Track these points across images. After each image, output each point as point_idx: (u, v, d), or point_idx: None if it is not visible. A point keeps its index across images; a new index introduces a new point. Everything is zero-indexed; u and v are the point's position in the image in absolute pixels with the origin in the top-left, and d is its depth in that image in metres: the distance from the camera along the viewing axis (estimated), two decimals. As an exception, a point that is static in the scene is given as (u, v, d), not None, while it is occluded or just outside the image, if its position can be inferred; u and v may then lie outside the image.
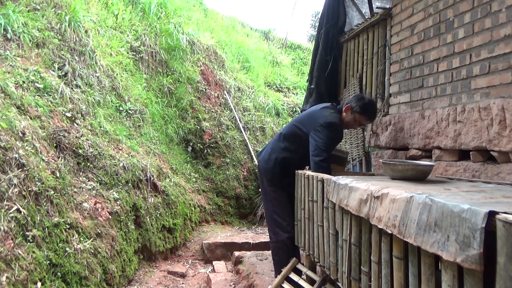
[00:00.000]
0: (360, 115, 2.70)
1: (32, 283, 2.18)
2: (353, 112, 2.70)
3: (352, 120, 2.74)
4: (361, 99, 2.74)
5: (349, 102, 2.76)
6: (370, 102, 2.74)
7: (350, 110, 2.72)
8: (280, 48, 11.60)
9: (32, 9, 4.00)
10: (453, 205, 1.11)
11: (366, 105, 2.69)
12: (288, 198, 2.87)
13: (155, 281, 3.63)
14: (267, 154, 2.96)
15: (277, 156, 2.88)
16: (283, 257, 2.85)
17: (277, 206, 2.92)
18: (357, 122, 2.75)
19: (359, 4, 4.07)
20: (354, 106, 2.69)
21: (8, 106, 2.84)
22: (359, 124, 2.82)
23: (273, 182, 2.93)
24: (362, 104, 2.68)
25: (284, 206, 2.90)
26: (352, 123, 2.78)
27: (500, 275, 0.95)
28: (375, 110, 2.77)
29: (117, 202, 3.46)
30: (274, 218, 2.92)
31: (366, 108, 2.69)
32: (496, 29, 2.08)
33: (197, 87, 6.62)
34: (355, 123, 2.77)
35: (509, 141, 1.95)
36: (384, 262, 1.57)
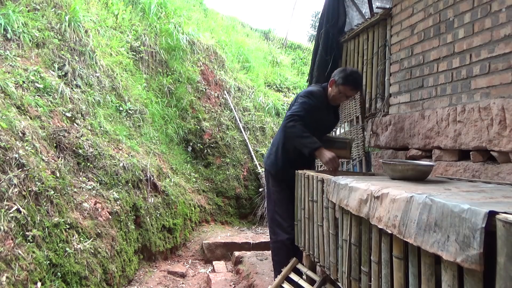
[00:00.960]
0: (344, 86, 2.67)
1: (32, 283, 2.18)
2: (337, 85, 2.68)
3: (338, 93, 2.71)
4: (343, 71, 2.73)
5: (332, 76, 2.74)
6: (351, 72, 2.69)
7: (334, 83, 2.70)
8: (280, 48, 11.61)
9: (32, 9, 4.01)
10: (453, 205, 1.11)
11: (347, 75, 2.65)
12: (291, 200, 2.86)
13: (155, 281, 3.63)
14: (269, 150, 3.02)
15: (277, 147, 2.90)
16: (283, 258, 2.85)
17: (279, 206, 2.93)
18: (343, 94, 2.71)
19: (359, 4, 4.07)
20: (337, 78, 2.68)
21: (8, 106, 2.84)
22: (346, 97, 2.76)
23: (277, 178, 2.93)
24: (344, 75, 2.65)
25: (286, 208, 2.90)
26: (339, 96, 2.73)
27: (500, 275, 0.95)
28: (357, 78, 2.70)
29: (117, 202, 3.46)
30: (275, 218, 2.93)
31: (347, 78, 2.65)
32: (496, 29, 2.08)
33: (197, 87, 6.62)
34: (341, 95, 2.72)
35: (509, 141, 1.95)
36: (384, 262, 1.57)
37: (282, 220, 2.88)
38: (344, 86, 2.66)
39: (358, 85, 2.72)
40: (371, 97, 3.47)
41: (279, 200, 2.93)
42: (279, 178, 2.93)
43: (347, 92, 2.71)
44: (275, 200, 2.95)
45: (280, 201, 2.92)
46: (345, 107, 3.91)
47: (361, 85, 2.74)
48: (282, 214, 2.89)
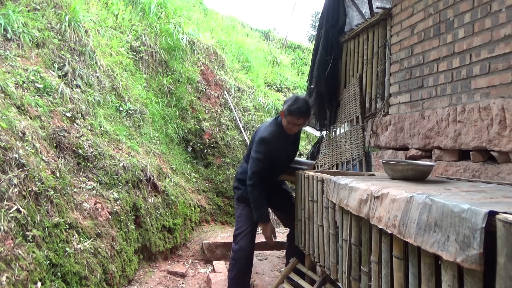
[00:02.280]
0: (290, 116, 2.68)
1: (32, 283, 2.18)
2: (285, 116, 2.71)
3: (287, 124, 2.74)
4: (287, 100, 2.74)
5: (282, 108, 2.79)
6: (295, 101, 2.68)
7: (283, 114, 2.73)
8: (280, 48, 11.61)
9: (32, 9, 4.00)
10: (453, 205, 1.11)
11: (291, 105, 2.66)
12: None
13: (155, 281, 3.63)
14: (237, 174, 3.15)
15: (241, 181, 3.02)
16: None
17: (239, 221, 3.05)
18: (291, 123, 2.72)
19: (359, 4, 4.07)
20: (284, 110, 2.71)
21: (8, 106, 2.84)
22: (295, 125, 2.75)
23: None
24: (288, 107, 2.68)
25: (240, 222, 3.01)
26: (290, 126, 2.75)
27: (500, 275, 0.95)
28: (301, 107, 2.66)
29: (117, 202, 3.46)
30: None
31: (290, 109, 2.66)
32: (496, 29, 2.08)
33: (197, 87, 6.62)
34: (291, 125, 2.74)
35: (509, 141, 1.95)
36: (384, 262, 1.57)
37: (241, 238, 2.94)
38: (290, 116, 2.68)
39: (302, 114, 2.67)
40: (371, 97, 3.47)
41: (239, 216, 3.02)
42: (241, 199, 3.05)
43: (295, 121, 2.70)
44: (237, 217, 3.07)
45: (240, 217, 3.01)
46: (345, 107, 3.91)
47: (306, 112, 2.69)
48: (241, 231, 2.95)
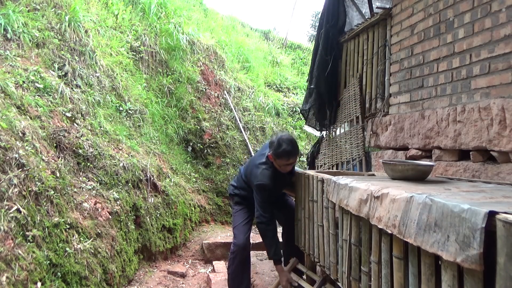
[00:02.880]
0: (279, 160, 2.69)
1: (32, 283, 2.17)
2: (275, 160, 2.73)
3: (278, 166, 2.76)
4: (271, 143, 2.74)
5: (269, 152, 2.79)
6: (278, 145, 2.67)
7: (273, 158, 2.75)
8: (280, 48, 11.61)
9: (32, 9, 4.00)
10: (453, 205, 1.11)
11: (276, 149, 2.68)
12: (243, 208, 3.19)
13: (155, 281, 3.63)
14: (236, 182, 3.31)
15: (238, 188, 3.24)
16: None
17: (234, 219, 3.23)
18: (283, 165, 2.73)
19: (359, 4, 4.07)
20: (272, 155, 2.72)
21: (8, 106, 2.84)
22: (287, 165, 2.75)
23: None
24: (273, 151, 2.70)
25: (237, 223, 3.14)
26: (283, 168, 2.76)
27: (500, 275, 0.95)
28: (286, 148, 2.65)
29: (117, 202, 3.46)
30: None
31: (277, 153, 2.68)
32: (496, 29, 2.08)
33: (197, 87, 6.62)
34: (282, 166, 2.75)
35: (509, 141, 1.95)
36: (384, 262, 1.57)
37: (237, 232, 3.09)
38: (280, 160, 2.70)
39: (290, 154, 2.68)
40: (371, 97, 3.47)
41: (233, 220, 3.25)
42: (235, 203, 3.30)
43: (285, 162, 2.71)
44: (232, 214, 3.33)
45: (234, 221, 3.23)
46: (345, 107, 3.91)
47: (294, 151, 2.69)
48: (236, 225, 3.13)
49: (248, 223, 3.11)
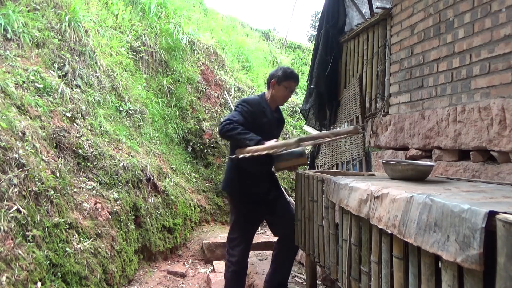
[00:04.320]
0: (287, 81, 2.71)
1: (32, 283, 2.17)
2: (280, 83, 2.71)
3: (283, 91, 2.73)
4: (278, 70, 2.77)
5: (271, 79, 2.76)
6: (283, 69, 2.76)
7: (276, 83, 2.72)
8: (280, 48, 11.62)
9: (32, 9, 4.00)
10: (453, 205, 1.11)
11: (284, 72, 2.71)
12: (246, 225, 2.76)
13: (155, 281, 3.63)
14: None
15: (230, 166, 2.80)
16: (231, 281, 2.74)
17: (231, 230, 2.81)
18: (288, 88, 2.74)
19: (359, 4, 4.07)
20: (278, 78, 2.71)
21: (8, 106, 2.84)
22: (291, 91, 2.78)
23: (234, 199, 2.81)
24: (282, 72, 2.71)
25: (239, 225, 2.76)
26: (286, 94, 2.76)
27: (500, 275, 0.95)
28: (293, 71, 2.77)
29: (117, 202, 3.46)
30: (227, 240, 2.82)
31: (286, 72, 2.71)
32: (496, 29, 2.08)
33: (197, 87, 6.62)
34: (287, 90, 2.75)
35: (509, 141, 1.95)
36: (384, 262, 1.57)
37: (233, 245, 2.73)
38: (287, 81, 2.71)
39: (297, 77, 2.79)
40: (371, 97, 3.47)
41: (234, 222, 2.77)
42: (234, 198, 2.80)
43: (292, 85, 2.75)
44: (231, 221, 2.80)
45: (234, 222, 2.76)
46: (345, 107, 3.91)
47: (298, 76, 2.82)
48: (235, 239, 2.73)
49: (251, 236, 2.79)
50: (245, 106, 2.64)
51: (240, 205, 2.76)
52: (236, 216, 2.77)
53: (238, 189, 2.73)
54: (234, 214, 2.81)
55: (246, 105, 2.65)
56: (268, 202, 2.80)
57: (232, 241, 2.76)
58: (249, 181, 2.70)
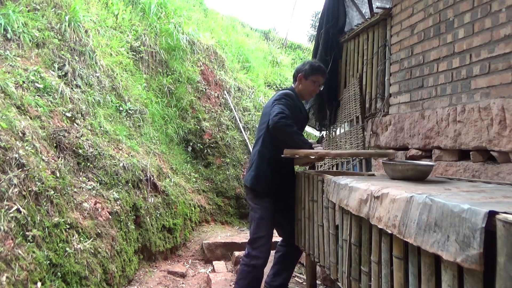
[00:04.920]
0: (315, 75, 2.72)
1: (32, 283, 2.17)
2: (307, 77, 2.72)
3: (312, 84, 2.74)
4: (304, 64, 2.78)
5: (298, 73, 2.76)
6: (311, 63, 2.78)
7: (304, 77, 2.73)
8: (280, 48, 11.62)
9: (32, 9, 4.00)
10: (453, 205, 1.11)
11: (311, 65, 2.73)
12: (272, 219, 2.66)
13: (155, 281, 3.63)
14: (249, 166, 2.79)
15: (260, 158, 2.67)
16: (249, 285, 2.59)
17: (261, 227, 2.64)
18: (316, 82, 2.75)
19: (359, 4, 4.07)
20: (305, 72, 2.71)
21: (8, 106, 2.84)
22: (319, 84, 2.79)
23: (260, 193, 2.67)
24: (309, 65, 2.73)
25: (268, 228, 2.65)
26: (314, 88, 2.77)
27: (500, 275, 0.95)
28: (320, 64, 2.81)
29: (117, 202, 3.46)
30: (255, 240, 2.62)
31: (313, 67, 2.72)
32: (496, 29, 2.08)
33: (197, 87, 6.62)
34: (315, 85, 2.76)
35: (509, 141, 1.95)
36: (384, 262, 1.57)
37: (261, 244, 2.58)
38: (315, 75, 2.72)
39: (325, 70, 2.82)
40: (371, 97, 3.47)
41: (261, 219, 2.63)
42: (262, 193, 2.68)
43: (320, 79, 2.76)
44: (257, 219, 2.64)
45: (262, 219, 2.63)
46: (345, 107, 3.91)
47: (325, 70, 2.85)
48: (263, 237, 2.60)
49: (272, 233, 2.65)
50: (289, 100, 2.60)
51: (267, 202, 2.65)
52: (262, 213, 2.62)
53: (269, 185, 2.64)
54: (258, 212, 2.63)
55: (289, 99, 2.61)
56: (286, 201, 2.77)
57: (257, 241, 2.58)
58: (278, 178, 2.67)
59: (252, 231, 2.64)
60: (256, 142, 2.77)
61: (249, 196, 2.74)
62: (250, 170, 2.73)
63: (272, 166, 2.65)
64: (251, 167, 2.72)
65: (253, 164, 2.70)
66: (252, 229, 2.64)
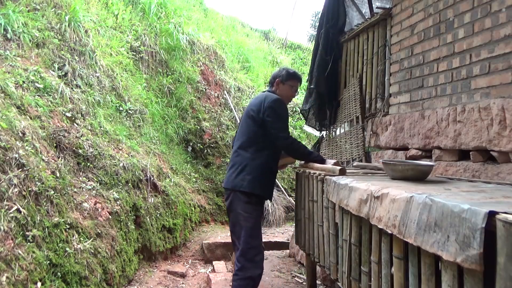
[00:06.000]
0: (292, 80, 2.77)
1: (32, 283, 2.17)
2: (285, 82, 2.75)
3: (289, 89, 2.78)
4: (281, 70, 2.82)
5: (274, 79, 2.80)
6: (286, 69, 2.82)
7: (281, 82, 2.76)
8: (280, 48, 11.62)
9: (32, 9, 4.00)
10: (453, 205, 1.11)
11: (288, 70, 2.78)
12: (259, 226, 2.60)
13: (155, 281, 3.63)
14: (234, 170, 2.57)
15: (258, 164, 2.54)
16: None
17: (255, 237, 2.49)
18: (294, 87, 2.80)
19: (359, 4, 4.07)
20: (282, 76, 2.75)
21: (8, 106, 2.84)
22: (295, 90, 2.84)
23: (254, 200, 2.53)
24: (286, 72, 2.77)
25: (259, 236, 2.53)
26: (292, 92, 2.80)
27: (500, 275, 0.95)
28: (295, 71, 2.85)
29: (117, 202, 3.46)
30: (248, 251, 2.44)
31: (289, 72, 2.77)
32: (496, 29, 2.08)
33: (197, 87, 6.63)
34: (292, 89, 2.79)
35: (509, 141, 1.95)
36: (384, 262, 1.57)
37: (255, 254, 2.44)
38: (292, 80, 2.77)
39: (300, 76, 2.86)
40: (371, 97, 3.47)
41: (254, 228, 2.47)
42: (256, 201, 2.53)
43: (296, 84, 2.81)
44: (250, 228, 2.46)
45: (254, 229, 2.48)
46: (345, 107, 3.91)
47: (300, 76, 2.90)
48: (257, 246, 2.46)
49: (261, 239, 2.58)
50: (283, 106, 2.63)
51: (259, 210, 2.59)
52: (255, 220, 2.49)
53: (265, 190, 2.57)
54: (253, 218, 2.48)
55: (284, 105, 2.65)
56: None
57: (253, 250, 2.43)
58: (271, 183, 2.70)
59: (244, 242, 2.44)
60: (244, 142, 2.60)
61: (239, 202, 2.50)
62: (241, 173, 2.51)
63: (267, 172, 2.60)
64: (243, 170, 2.51)
65: (246, 166, 2.51)
66: (244, 239, 2.44)
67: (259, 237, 2.52)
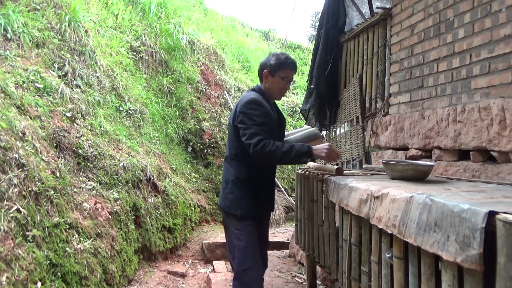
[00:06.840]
0: (283, 70, 2.25)
1: (32, 283, 2.17)
2: (274, 73, 2.27)
3: (279, 81, 2.27)
4: (269, 58, 2.30)
5: (262, 70, 2.33)
6: (277, 56, 2.28)
7: (269, 74, 2.27)
8: (280, 48, 11.62)
9: (32, 9, 4.01)
10: (453, 205, 1.11)
11: (277, 59, 2.25)
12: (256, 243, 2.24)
13: (155, 281, 3.63)
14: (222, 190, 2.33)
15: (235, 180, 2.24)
16: None
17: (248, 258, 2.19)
18: (285, 78, 2.28)
19: (359, 4, 4.07)
20: (270, 65, 2.26)
21: (8, 106, 2.84)
22: (289, 80, 2.32)
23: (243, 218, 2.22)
24: (275, 59, 2.25)
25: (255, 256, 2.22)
26: (284, 84, 2.30)
27: (500, 275, 0.95)
28: (288, 57, 2.29)
29: (117, 202, 3.46)
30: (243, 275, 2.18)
31: (280, 59, 2.24)
32: (496, 29, 2.08)
33: (197, 87, 6.62)
34: (284, 81, 2.29)
35: (509, 141, 1.95)
36: (384, 262, 1.57)
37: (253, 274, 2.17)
38: (283, 70, 2.26)
39: (294, 64, 2.32)
40: (371, 97, 3.47)
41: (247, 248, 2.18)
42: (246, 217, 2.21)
43: (289, 74, 2.29)
44: (243, 248, 2.18)
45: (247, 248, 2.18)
46: (345, 107, 3.91)
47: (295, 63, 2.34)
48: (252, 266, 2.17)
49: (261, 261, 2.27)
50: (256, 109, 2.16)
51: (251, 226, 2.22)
52: (246, 242, 2.19)
53: (250, 208, 2.22)
54: (242, 240, 2.19)
55: (257, 107, 2.16)
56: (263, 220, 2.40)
57: (247, 273, 2.16)
58: (261, 197, 2.27)
59: (238, 263, 2.19)
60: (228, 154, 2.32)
61: (230, 220, 2.27)
62: (225, 190, 2.29)
63: (250, 187, 2.23)
64: (226, 188, 2.28)
65: (229, 183, 2.26)
66: (238, 260, 2.19)
67: (255, 255, 2.20)
